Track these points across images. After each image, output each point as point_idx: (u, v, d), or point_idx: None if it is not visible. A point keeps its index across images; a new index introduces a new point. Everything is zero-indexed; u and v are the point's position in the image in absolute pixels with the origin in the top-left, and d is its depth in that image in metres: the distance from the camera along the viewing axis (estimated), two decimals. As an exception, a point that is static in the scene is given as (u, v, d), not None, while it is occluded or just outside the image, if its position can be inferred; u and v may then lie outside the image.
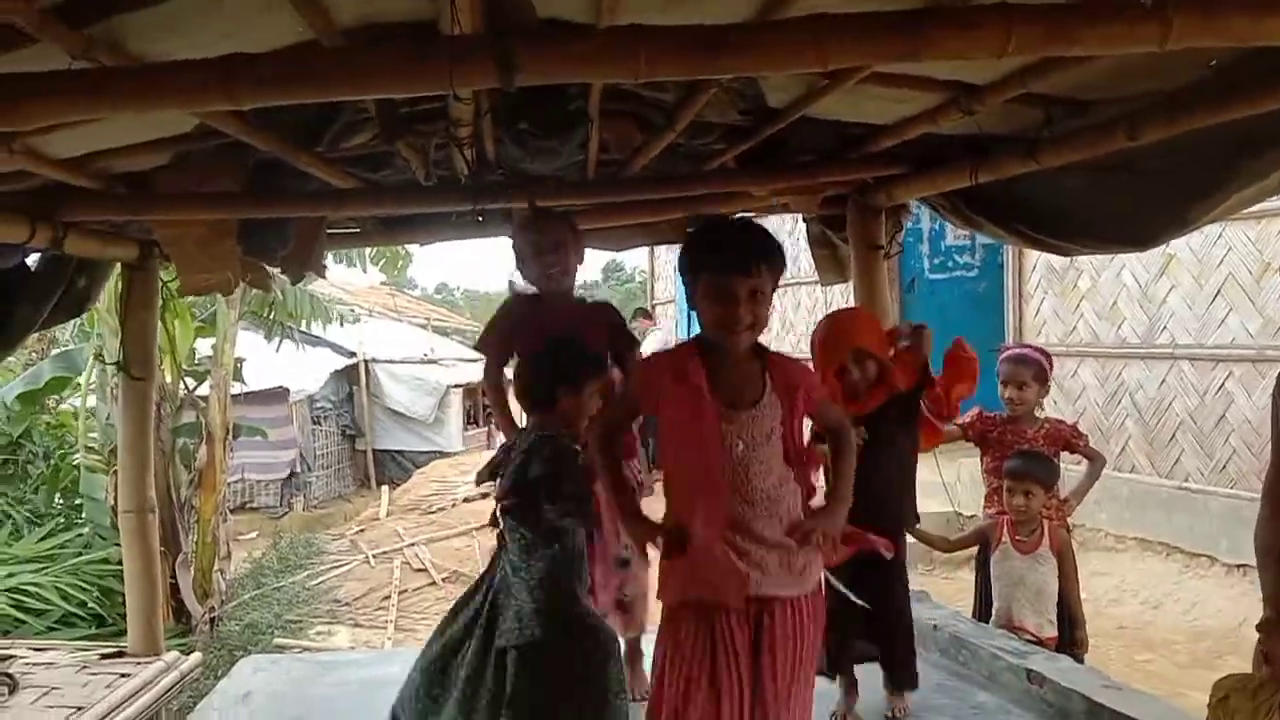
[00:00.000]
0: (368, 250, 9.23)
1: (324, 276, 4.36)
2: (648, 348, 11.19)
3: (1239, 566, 6.59)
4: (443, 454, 15.72)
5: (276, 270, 4.18)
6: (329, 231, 4.19)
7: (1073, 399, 8.30)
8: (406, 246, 9.63)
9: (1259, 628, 1.67)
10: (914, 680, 3.30)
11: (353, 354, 16.04)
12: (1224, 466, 6.94)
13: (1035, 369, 4.24)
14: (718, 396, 2.25)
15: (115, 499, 6.37)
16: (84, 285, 4.04)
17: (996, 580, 4.02)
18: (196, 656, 4.65)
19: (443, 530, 10.52)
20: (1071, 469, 4.49)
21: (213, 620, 7.91)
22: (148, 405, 4.50)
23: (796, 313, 12.20)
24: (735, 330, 2.23)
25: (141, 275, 4.33)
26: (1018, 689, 3.45)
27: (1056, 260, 8.45)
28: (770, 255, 2.27)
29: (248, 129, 2.85)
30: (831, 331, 3.26)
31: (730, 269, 2.22)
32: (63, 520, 7.94)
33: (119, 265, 4.33)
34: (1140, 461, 7.69)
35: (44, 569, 6.99)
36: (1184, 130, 2.69)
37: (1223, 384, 6.93)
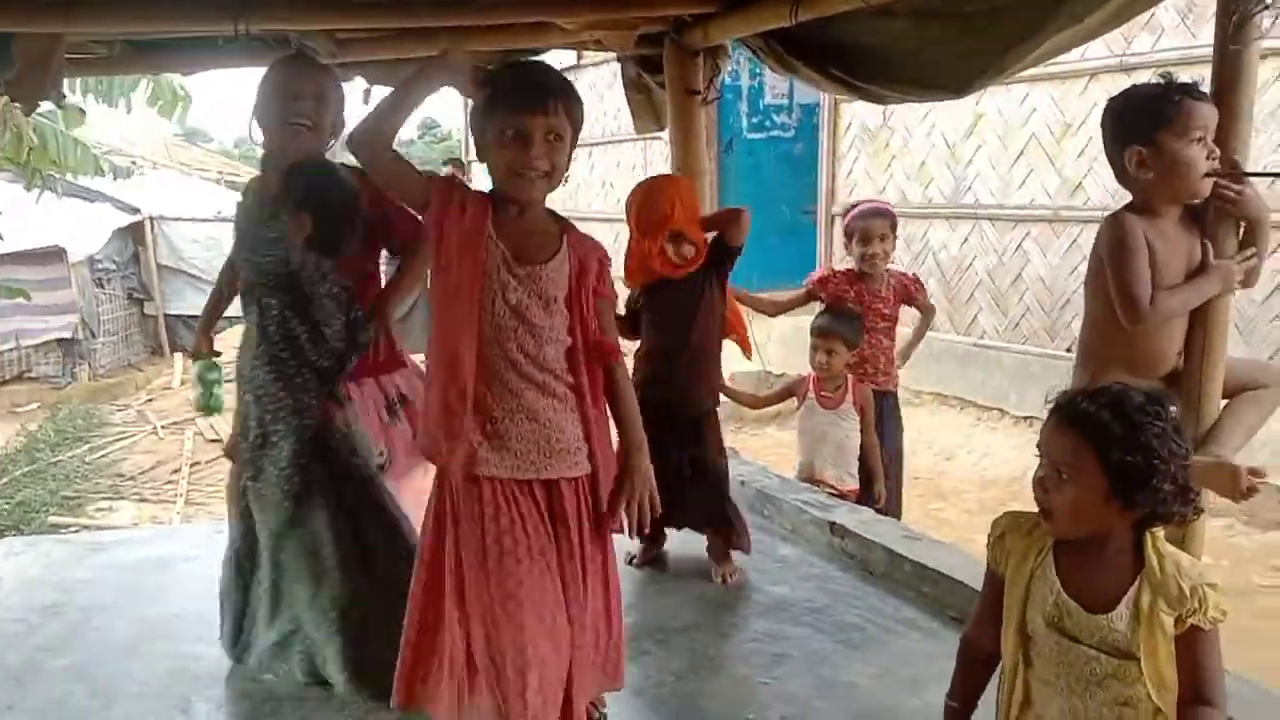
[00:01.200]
0: (140, 92, 8.23)
1: (60, 105, 3.77)
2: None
3: (1026, 418, 6.97)
4: (240, 320, 14.83)
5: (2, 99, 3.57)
6: (71, 56, 3.60)
7: (880, 259, 8.48)
8: (185, 87, 8.67)
9: (1036, 483, 1.62)
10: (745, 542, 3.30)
11: (136, 210, 14.71)
12: (1017, 324, 7.25)
13: (891, 220, 4.16)
14: (502, 243, 2.00)
15: None
16: None
17: (801, 434, 4.09)
18: (-62, 541, 4.15)
19: (242, 398, 9.95)
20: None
21: (-22, 499, 7.24)
22: None
23: (617, 171, 11.92)
24: (527, 175, 1.97)
25: None
26: (821, 542, 3.47)
27: (870, 120, 8.48)
28: (570, 96, 2.01)
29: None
30: (648, 206, 3.18)
31: (525, 105, 1.95)
32: None
33: None
34: (940, 319, 7.94)
35: None
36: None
37: (1020, 244, 7.17)
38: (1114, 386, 1.61)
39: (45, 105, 3.79)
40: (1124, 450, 1.52)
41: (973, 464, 6.68)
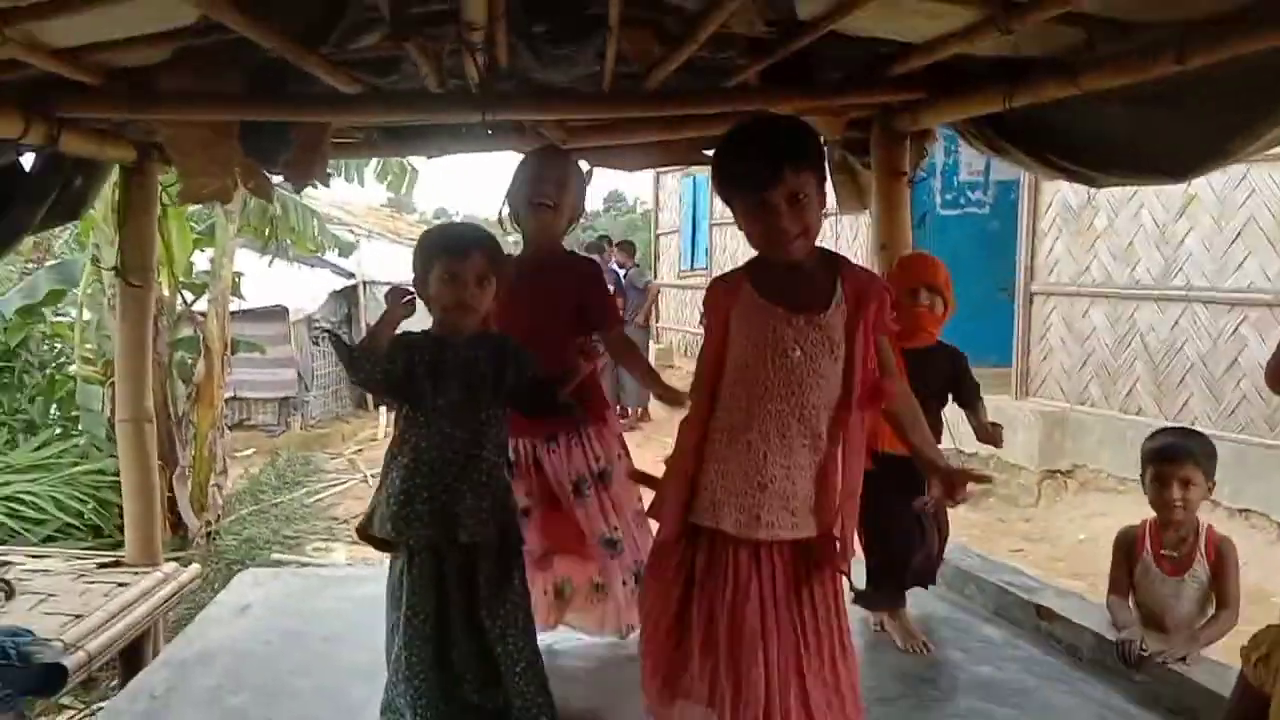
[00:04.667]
0: (371, 167, 9.03)
1: (327, 185, 4.23)
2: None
3: (1242, 511, 6.58)
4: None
5: (278, 178, 4.05)
6: (333, 140, 4.06)
7: (1082, 340, 8.22)
8: (411, 163, 9.43)
9: None
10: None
11: (351, 275, 15.87)
12: (1233, 411, 6.88)
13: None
14: (775, 300, 2.06)
15: (111, 410, 6.32)
16: (80, 187, 3.92)
17: (1138, 604, 3.11)
18: (195, 568, 4.62)
19: (441, 453, 10.48)
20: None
21: (210, 534, 7.90)
22: (146, 313, 4.42)
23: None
24: (783, 244, 2.03)
25: (139, 179, 4.23)
26: (1026, 624, 3.42)
27: (1072, 199, 8.30)
28: (803, 152, 2.03)
29: (251, 24, 2.70)
30: (907, 265, 3.44)
31: (759, 183, 1.99)
32: (58, 431, 7.89)
33: (116, 168, 4.21)
34: (1147, 404, 7.63)
35: (39, 479, 6.95)
36: (1232, 55, 2.57)
37: (1236, 328, 6.83)
38: None
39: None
40: None
41: (1181, 557, 6.33)
